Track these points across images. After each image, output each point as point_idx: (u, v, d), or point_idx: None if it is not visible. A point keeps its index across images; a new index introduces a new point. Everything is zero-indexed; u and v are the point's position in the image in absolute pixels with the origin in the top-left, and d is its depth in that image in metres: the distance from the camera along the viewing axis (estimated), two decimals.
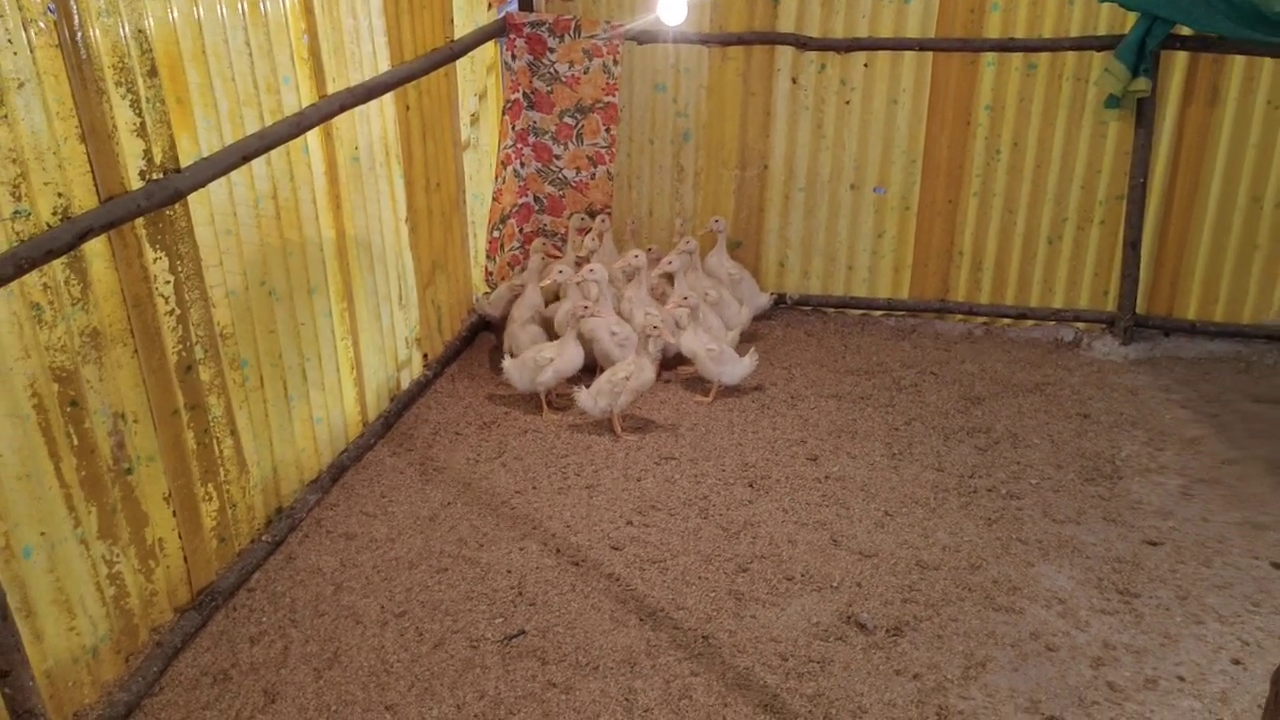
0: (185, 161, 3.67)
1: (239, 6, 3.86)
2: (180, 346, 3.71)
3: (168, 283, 3.64)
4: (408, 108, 5.19)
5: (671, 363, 5.77)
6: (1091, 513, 4.60)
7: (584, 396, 5.17)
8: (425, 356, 5.63)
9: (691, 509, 4.63)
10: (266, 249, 4.18)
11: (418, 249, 5.41)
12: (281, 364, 4.32)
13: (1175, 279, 6.03)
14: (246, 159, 3.90)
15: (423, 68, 5.21)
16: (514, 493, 4.76)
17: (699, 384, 5.70)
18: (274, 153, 4.14)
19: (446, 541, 4.39)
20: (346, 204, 4.72)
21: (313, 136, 4.40)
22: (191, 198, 3.71)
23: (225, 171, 3.82)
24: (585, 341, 5.47)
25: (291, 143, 4.23)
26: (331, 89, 4.51)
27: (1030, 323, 6.29)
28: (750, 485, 4.81)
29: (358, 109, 4.71)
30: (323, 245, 4.55)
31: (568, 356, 5.34)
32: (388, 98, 4.97)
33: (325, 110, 4.38)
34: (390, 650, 3.77)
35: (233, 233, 3.98)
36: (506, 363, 5.38)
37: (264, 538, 4.23)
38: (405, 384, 5.43)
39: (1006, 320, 6.33)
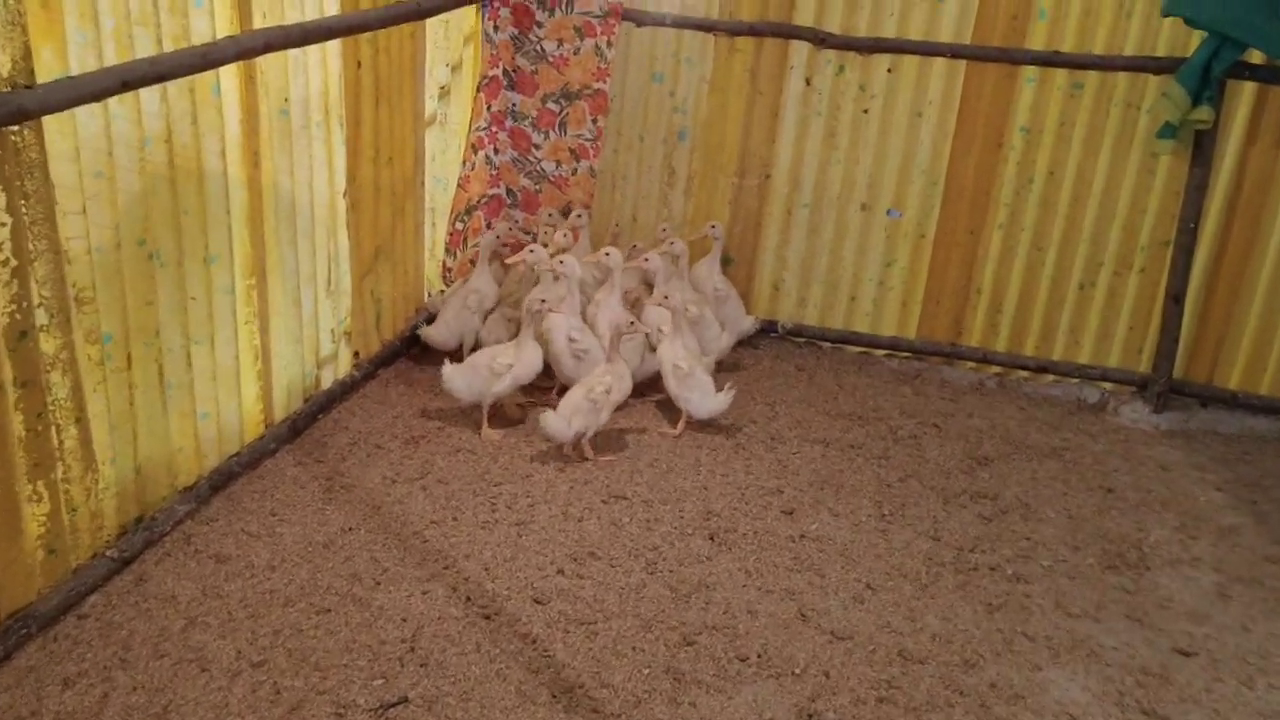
0: (44, 77, 2.97)
1: None
2: (14, 307, 2.99)
3: (2, 225, 2.92)
4: (359, 64, 4.48)
5: (641, 388, 5.00)
6: (1113, 608, 3.84)
7: (553, 420, 4.37)
8: (356, 355, 4.90)
9: (637, 561, 3.88)
10: (152, 202, 3.47)
11: (357, 229, 4.69)
12: (159, 343, 3.60)
13: (1220, 342, 5.29)
14: (129, 86, 3.18)
15: (381, 19, 4.51)
16: (430, 523, 4.01)
17: (668, 411, 4.96)
18: (172, 86, 3.44)
19: (337, 576, 3.65)
20: (267, 163, 4.01)
21: (227, 75, 3.70)
22: (48, 123, 3.01)
23: (99, 97, 3.11)
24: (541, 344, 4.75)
25: (197, 77, 3.53)
26: (259, 23, 3.80)
27: (1051, 378, 5.56)
28: (711, 538, 4.06)
29: (291, 53, 4.01)
30: (230, 207, 3.83)
31: (526, 361, 4.60)
32: (333, 46, 4.26)
33: (246, 46, 3.67)
34: (233, 710, 3.01)
35: (105, 175, 3.26)
36: (448, 368, 4.58)
37: (109, 553, 3.48)
38: (326, 383, 4.70)
39: (1024, 373, 5.59)
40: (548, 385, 4.96)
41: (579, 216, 5.56)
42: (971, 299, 5.56)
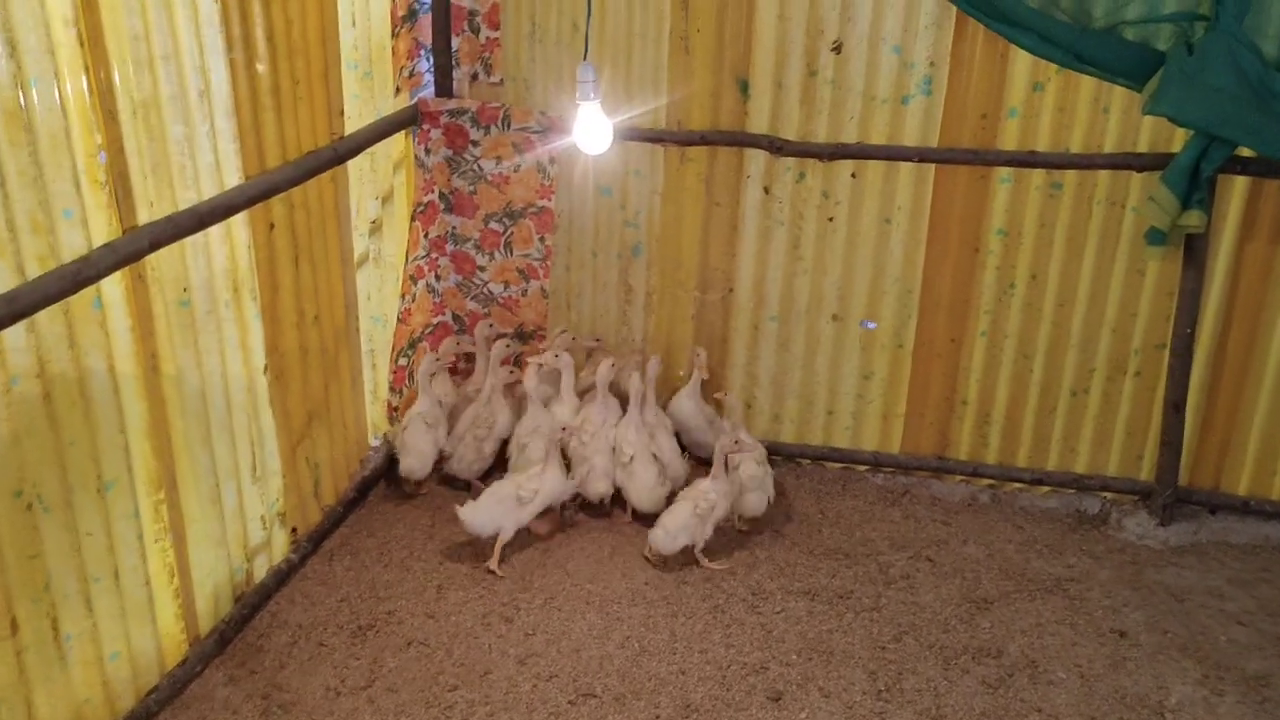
0: None
1: None
2: None
3: None
4: (271, 226, 4.06)
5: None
6: None
7: (471, 511, 4.49)
8: (294, 532, 4.48)
9: None
10: (27, 445, 3.04)
11: (284, 402, 4.27)
12: (49, 596, 3.17)
13: (1225, 446, 4.93)
14: None
15: (294, 176, 4.10)
16: None
17: (622, 555, 4.56)
18: (42, 315, 3.01)
19: None
20: (168, 364, 3.59)
21: (111, 284, 3.27)
22: None
23: None
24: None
25: (73, 298, 3.10)
26: (146, 217, 3.39)
27: (1046, 489, 5.18)
28: None
29: (189, 240, 3.58)
30: (125, 425, 3.40)
31: (552, 481, 4.60)
32: (238, 219, 3.84)
33: (131, 249, 3.26)
34: None
35: None
36: (464, 510, 4.46)
37: None
38: (260, 575, 4.27)
39: (1018, 485, 5.21)
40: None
41: (563, 333, 5.30)
42: (957, 410, 5.18)
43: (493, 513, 4.50)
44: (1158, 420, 4.92)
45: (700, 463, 5.13)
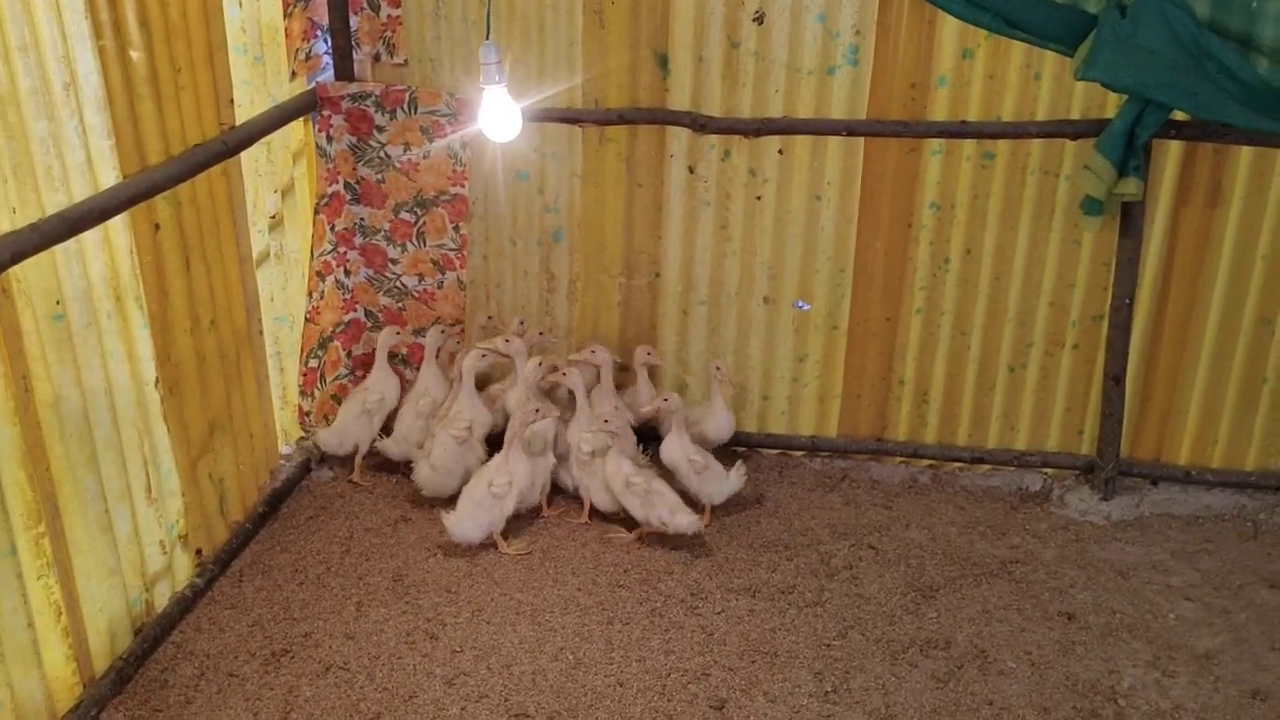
0: None
1: None
2: None
3: None
4: (157, 227, 3.74)
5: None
6: None
7: (455, 521, 4.36)
8: (198, 554, 4.17)
9: None
10: None
11: (180, 415, 3.96)
12: None
13: (1166, 417, 4.84)
14: None
15: (180, 172, 3.78)
16: None
17: (555, 558, 4.34)
18: None
19: None
20: (42, 384, 3.27)
21: None
22: None
23: None
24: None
25: None
26: (6, 227, 3.06)
27: (987, 468, 5.06)
28: None
29: (60, 247, 3.25)
30: None
31: (522, 473, 4.48)
32: (117, 222, 3.52)
33: None
34: None
35: None
36: (450, 519, 4.35)
37: None
38: (162, 604, 3.96)
39: (958, 465, 5.08)
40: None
41: (541, 335, 5.08)
42: (894, 390, 5.02)
43: (475, 516, 4.37)
44: (1097, 393, 4.81)
45: None
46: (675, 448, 4.61)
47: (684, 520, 4.37)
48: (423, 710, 3.65)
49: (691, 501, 4.53)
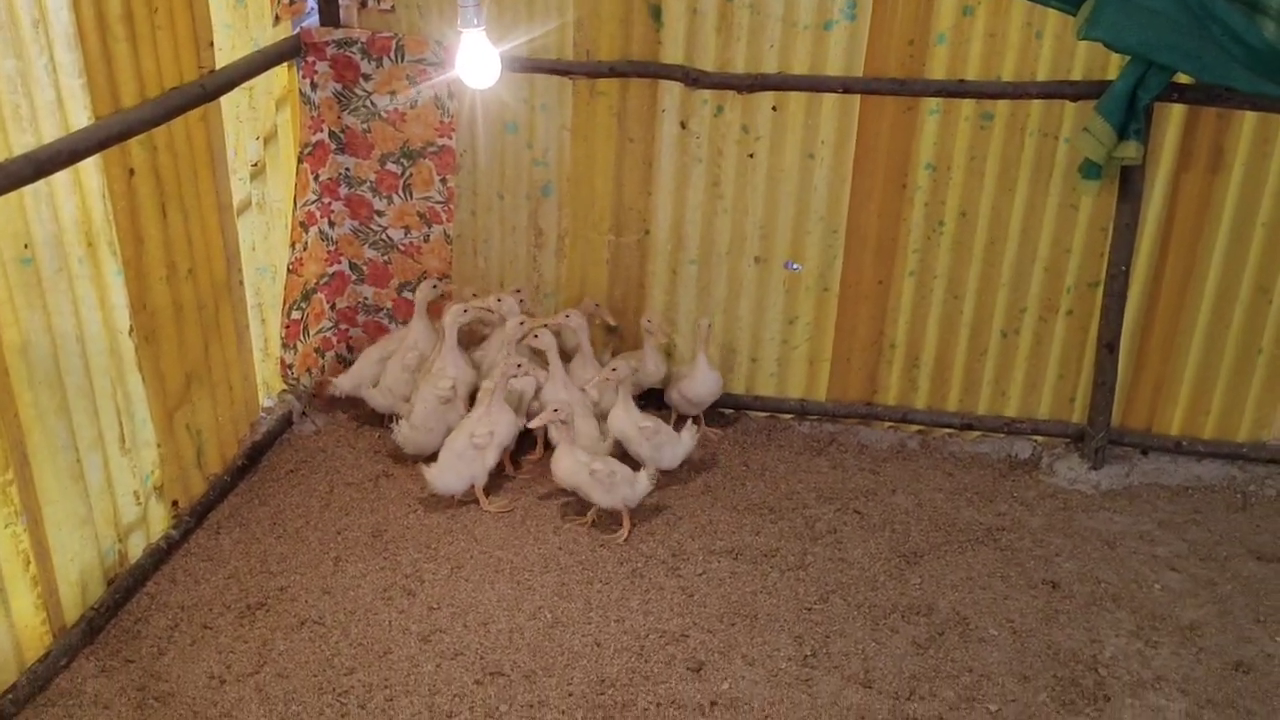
0: None
1: None
2: None
3: None
4: (131, 172, 3.65)
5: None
6: None
7: (436, 473, 4.31)
8: (174, 505, 4.12)
9: None
10: None
11: (156, 365, 3.89)
12: None
13: (1159, 386, 4.78)
14: None
15: (155, 115, 3.68)
16: None
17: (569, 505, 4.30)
18: None
19: None
20: (10, 330, 3.20)
21: None
22: None
23: None
24: None
25: None
26: None
27: (976, 434, 5.00)
28: None
29: (28, 189, 3.17)
30: None
31: (505, 423, 4.43)
32: (88, 164, 3.43)
33: None
34: None
35: None
36: (431, 471, 4.31)
37: None
38: (136, 554, 3.92)
39: (948, 430, 5.02)
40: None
41: (518, 293, 4.96)
42: (885, 354, 4.95)
43: (457, 468, 4.32)
44: (1090, 361, 4.74)
45: None
46: (623, 418, 4.45)
47: (644, 485, 4.27)
48: (397, 666, 3.62)
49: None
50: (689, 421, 4.70)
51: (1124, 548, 4.34)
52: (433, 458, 4.41)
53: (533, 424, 4.36)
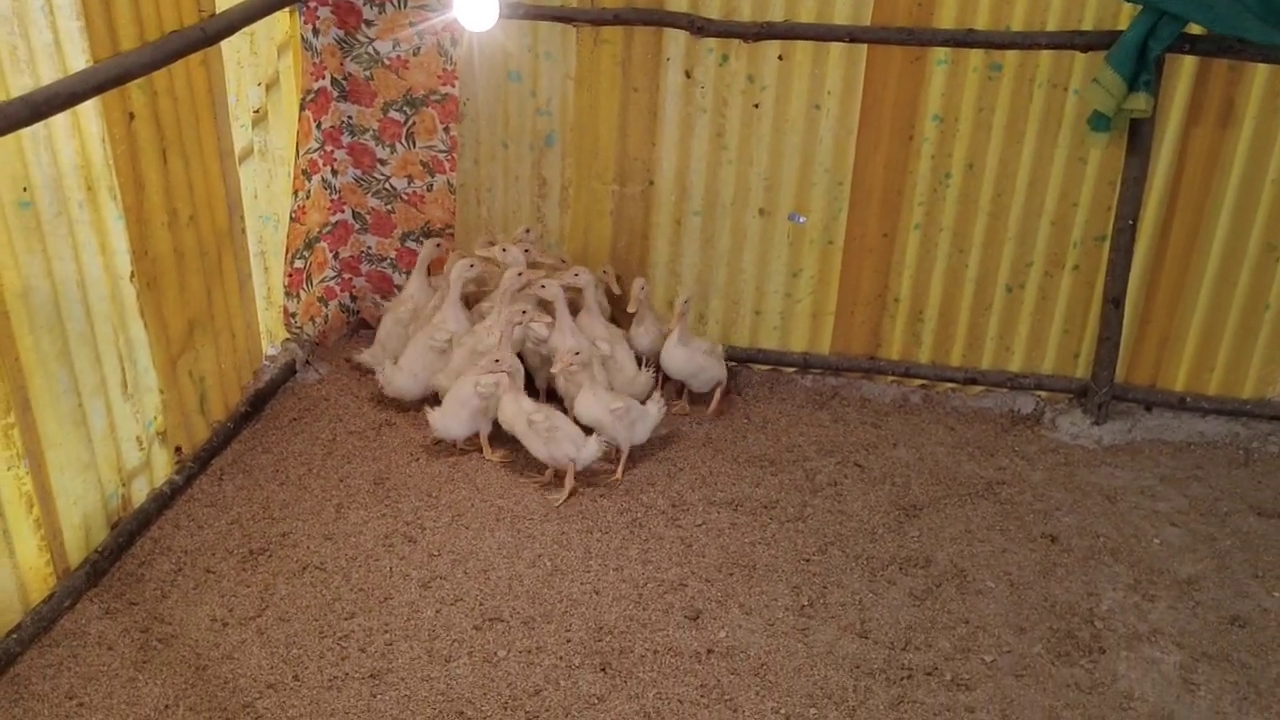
0: None
1: None
2: None
3: None
4: (131, 116, 3.64)
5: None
6: (1068, 717, 3.34)
7: (439, 417, 4.33)
8: (178, 451, 4.15)
9: (514, 716, 3.26)
10: None
11: (159, 311, 3.90)
12: None
13: (1164, 342, 4.76)
14: None
15: (155, 59, 3.65)
16: (265, 686, 3.34)
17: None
18: None
19: None
20: (10, 273, 3.21)
21: None
22: None
23: None
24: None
25: None
26: None
27: (979, 389, 4.99)
28: (603, 669, 3.46)
29: (27, 132, 3.16)
30: None
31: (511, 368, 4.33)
32: (87, 108, 3.41)
33: None
34: None
35: None
36: (434, 415, 4.33)
37: None
38: (140, 499, 3.95)
39: (950, 385, 5.01)
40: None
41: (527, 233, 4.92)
42: (889, 308, 4.93)
43: (459, 416, 4.32)
44: (1096, 316, 4.72)
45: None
46: (591, 403, 4.30)
47: (592, 451, 4.21)
48: (397, 612, 3.65)
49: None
50: (654, 392, 4.58)
51: (1124, 502, 4.34)
52: (437, 402, 4.42)
53: (555, 368, 4.35)
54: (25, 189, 3.21)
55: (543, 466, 4.32)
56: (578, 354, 4.27)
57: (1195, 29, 4.10)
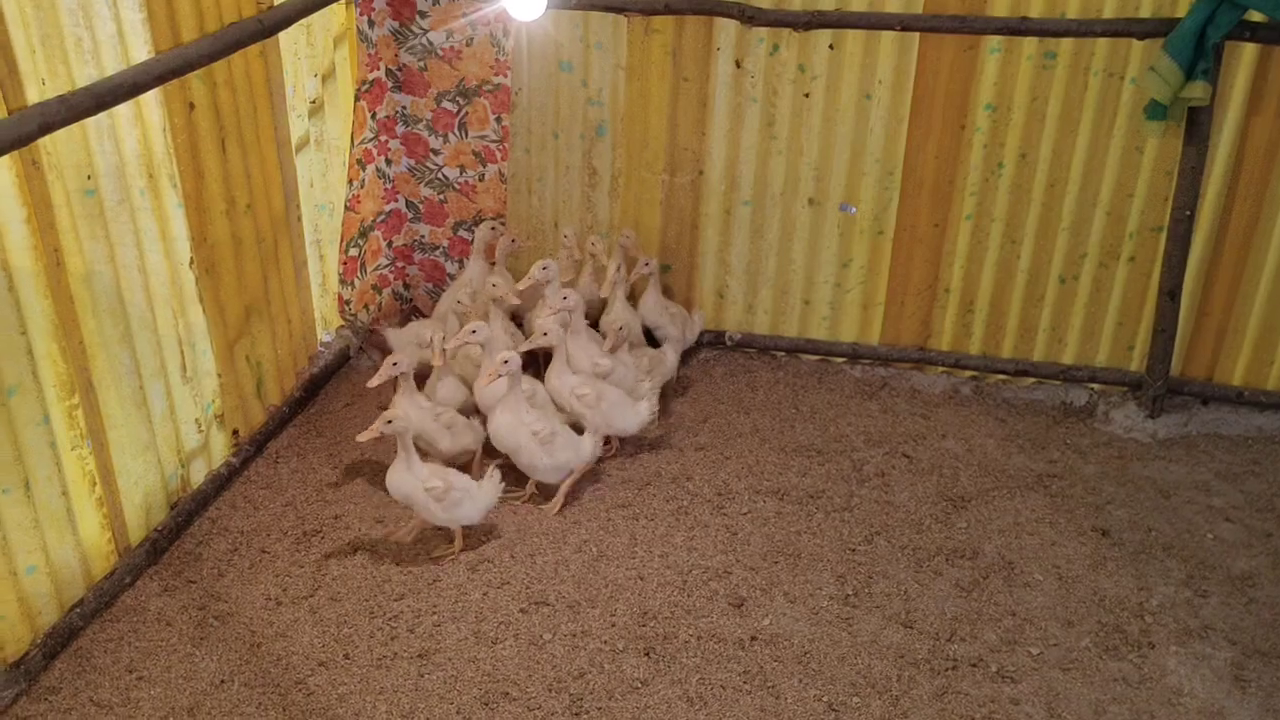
0: None
1: None
2: None
3: None
4: (191, 106, 3.73)
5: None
6: (1114, 711, 3.31)
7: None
8: (236, 434, 4.25)
9: (559, 699, 3.31)
10: None
11: (216, 296, 3.99)
12: None
13: (1221, 335, 4.68)
14: None
15: (215, 50, 3.73)
16: (317, 665, 3.42)
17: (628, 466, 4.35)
18: None
19: None
20: (74, 258, 3.30)
21: None
22: None
23: None
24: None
25: None
26: (36, 95, 3.06)
27: (1031, 381, 4.94)
28: (646, 653, 3.49)
29: (91, 121, 3.25)
30: (25, 326, 3.13)
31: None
32: (149, 98, 3.50)
33: (16, 132, 2.92)
34: None
35: None
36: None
37: None
38: (198, 480, 4.05)
39: (1002, 377, 4.97)
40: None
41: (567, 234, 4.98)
42: (939, 298, 4.90)
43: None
44: (1151, 308, 4.65)
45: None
46: (557, 380, 4.24)
47: (588, 450, 4.13)
48: (445, 593, 3.71)
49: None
50: (647, 388, 4.43)
51: (1179, 497, 4.28)
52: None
53: (479, 381, 4.16)
54: (89, 177, 3.31)
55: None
56: (506, 362, 4.00)
57: (1255, 16, 4.02)
